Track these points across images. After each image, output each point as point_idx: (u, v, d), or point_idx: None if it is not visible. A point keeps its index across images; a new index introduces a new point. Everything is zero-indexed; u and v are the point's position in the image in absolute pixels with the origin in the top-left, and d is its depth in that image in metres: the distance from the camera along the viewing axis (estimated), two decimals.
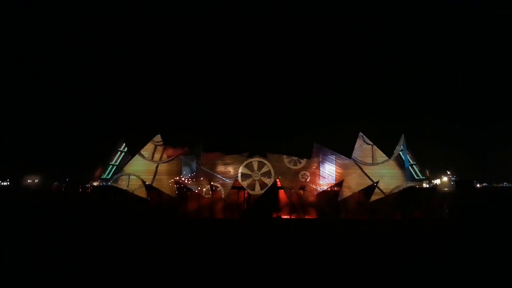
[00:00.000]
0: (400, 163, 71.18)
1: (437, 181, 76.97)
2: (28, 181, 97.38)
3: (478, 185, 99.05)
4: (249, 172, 70.46)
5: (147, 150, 73.10)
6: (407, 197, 67.35)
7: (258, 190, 69.82)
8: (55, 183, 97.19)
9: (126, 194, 69.18)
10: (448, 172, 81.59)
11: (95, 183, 74.97)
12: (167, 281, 25.63)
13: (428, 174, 72.47)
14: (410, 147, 71.60)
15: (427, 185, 72.10)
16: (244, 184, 69.76)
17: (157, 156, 72.69)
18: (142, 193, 69.67)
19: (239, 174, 70.10)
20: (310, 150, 72.56)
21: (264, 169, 70.53)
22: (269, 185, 69.24)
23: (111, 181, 71.87)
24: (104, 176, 72.77)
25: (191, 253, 34.95)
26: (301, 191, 70.00)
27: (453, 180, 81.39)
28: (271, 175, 70.06)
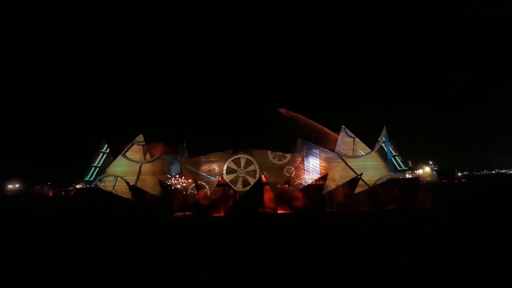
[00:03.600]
0: (383, 155, 72.30)
1: (420, 171, 78.34)
2: (9, 186, 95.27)
3: (459, 174, 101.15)
4: (234, 169, 70.38)
5: (129, 150, 72.51)
6: (390, 188, 68.60)
7: (243, 187, 69.84)
8: (36, 187, 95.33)
9: (110, 196, 68.51)
10: (430, 162, 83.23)
11: (78, 186, 74.00)
12: (157, 281, 25.39)
13: (410, 165, 73.84)
14: (392, 138, 72.79)
15: (410, 176, 73.43)
16: (230, 181, 69.64)
17: (140, 156, 72.26)
18: (126, 194, 69.04)
19: (224, 172, 69.97)
20: (294, 145, 72.91)
21: (249, 165, 70.54)
22: (254, 181, 69.29)
23: (94, 183, 71.11)
24: (87, 178, 71.89)
25: (180, 252, 34.75)
26: (287, 186, 70.28)
27: (435, 169, 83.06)
28: (256, 171, 70.14)
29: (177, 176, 70.82)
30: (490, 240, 35.30)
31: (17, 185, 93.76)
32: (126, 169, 71.37)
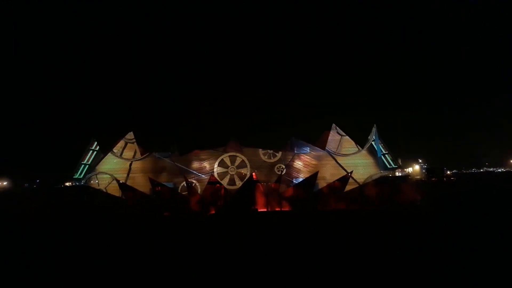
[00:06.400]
0: (373, 153, 72.81)
1: (409, 170, 79.15)
2: None
3: (448, 172, 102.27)
4: (224, 167, 70.41)
5: (119, 148, 72.03)
6: (380, 186, 69.04)
7: (234, 185, 69.93)
8: (25, 184, 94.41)
9: (100, 194, 67.97)
10: (419, 160, 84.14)
11: (67, 183, 73.31)
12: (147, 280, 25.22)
13: (400, 163, 74.43)
14: (382, 137, 73.36)
15: (399, 174, 74.05)
16: (220, 179, 69.66)
17: (130, 153, 71.79)
18: (115, 191, 68.57)
19: (215, 169, 69.96)
20: (286, 143, 73.24)
21: (240, 163, 70.64)
22: (245, 179, 69.36)
23: (83, 181, 70.50)
24: (76, 176, 71.21)
25: (172, 251, 34.60)
26: (277, 184, 70.40)
27: (424, 167, 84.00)
28: (247, 169, 70.25)
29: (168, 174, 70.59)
30: (480, 238, 35.71)
31: (5, 183, 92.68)
32: (116, 167, 70.89)
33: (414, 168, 79.21)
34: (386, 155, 72.92)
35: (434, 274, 24.71)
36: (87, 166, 71.78)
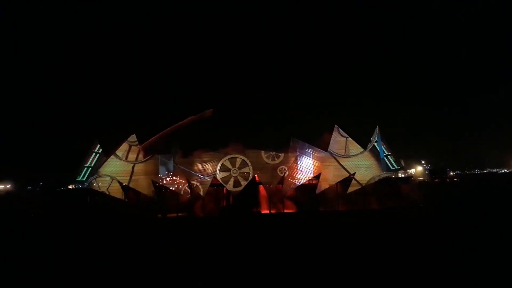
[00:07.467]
0: (376, 154, 72.34)
1: (412, 171, 78.79)
2: (0, 187, 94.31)
3: (451, 173, 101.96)
4: (227, 169, 70.15)
5: (122, 150, 71.91)
6: (383, 187, 68.78)
7: (239, 186, 69.51)
8: (28, 187, 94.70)
9: (103, 196, 67.95)
10: (422, 161, 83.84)
11: (70, 186, 73.28)
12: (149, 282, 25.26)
13: (403, 164, 74.01)
14: (385, 138, 72.90)
15: (402, 175, 73.64)
16: (223, 181, 69.41)
17: (132, 156, 71.63)
18: (117, 194, 68.50)
19: (218, 171, 69.71)
20: (288, 145, 72.95)
21: (242, 165, 70.35)
22: (248, 181, 69.15)
23: (86, 184, 70.38)
24: (79, 178, 71.06)
25: (172, 253, 34.62)
26: (280, 186, 70.26)
27: (427, 169, 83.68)
28: (249, 171, 69.96)
29: (171, 176, 70.47)
30: (482, 240, 35.57)
31: (8, 186, 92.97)
32: (119, 169, 70.68)
33: (417, 169, 78.81)
34: (389, 156, 72.48)
35: (435, 274, 24.66)
36: (90, 168, 71.67)
